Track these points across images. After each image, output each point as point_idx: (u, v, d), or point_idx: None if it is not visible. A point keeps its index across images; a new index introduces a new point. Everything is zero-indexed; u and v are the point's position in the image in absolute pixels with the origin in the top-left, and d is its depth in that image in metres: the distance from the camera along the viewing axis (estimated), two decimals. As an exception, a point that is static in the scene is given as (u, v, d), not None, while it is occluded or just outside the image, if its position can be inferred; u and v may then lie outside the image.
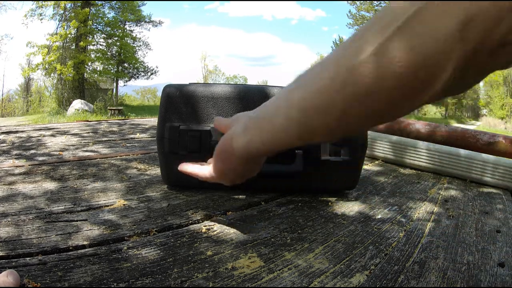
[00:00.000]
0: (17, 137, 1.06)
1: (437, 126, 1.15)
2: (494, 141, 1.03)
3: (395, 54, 0.21)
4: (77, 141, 1.05)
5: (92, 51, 13.81)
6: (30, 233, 0.42)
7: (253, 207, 0.58)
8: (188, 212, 0.53)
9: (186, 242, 0.43)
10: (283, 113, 0.29)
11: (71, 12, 12.41)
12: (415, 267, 0.41)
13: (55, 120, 8.90)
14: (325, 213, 0.57)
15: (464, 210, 0.66)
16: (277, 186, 0.66)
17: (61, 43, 12.61)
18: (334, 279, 0.37)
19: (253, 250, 0.43)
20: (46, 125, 1.39)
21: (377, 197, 0.68)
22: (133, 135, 1.22)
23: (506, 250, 0.49)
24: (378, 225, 0.54)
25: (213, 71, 28.25)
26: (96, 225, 0.46)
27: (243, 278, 0.36)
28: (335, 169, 0.63)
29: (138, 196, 0.58)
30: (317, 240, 0.47)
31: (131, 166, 0.78)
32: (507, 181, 0.85)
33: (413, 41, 0.20)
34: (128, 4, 13.96)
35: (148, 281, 0.34)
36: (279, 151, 0.32)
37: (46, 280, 0.33)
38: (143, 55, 15.76)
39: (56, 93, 13.18)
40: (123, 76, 14.93)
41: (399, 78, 0.21)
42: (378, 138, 1.06)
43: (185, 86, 0.60)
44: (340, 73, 0.24)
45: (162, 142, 0.59)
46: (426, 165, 0.96)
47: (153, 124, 1.59)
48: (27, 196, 0.55)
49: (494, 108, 20.76)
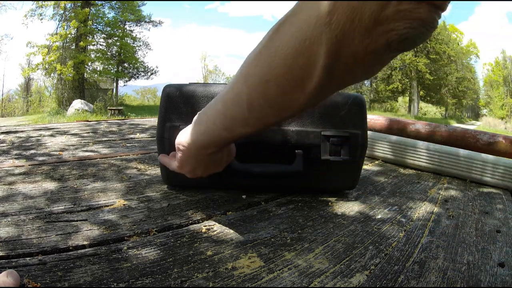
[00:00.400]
0: (17, 137, 1.06)
1: (437, 126, 1.15)
2: (494, 141, 1.03)
3: (279, 44, 0.23)
4: (77, 141, 1.05)
5: (92, 51, 13.81)
6: (30, 233, 0.42)
7: (253, 207, 0.58)
8: (188, 212, 0.53)
9: (186, 242, 0.43)
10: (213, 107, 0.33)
11: (71, 12, 12.41)
12: (415, 267, 0.41)
13: (55, 120, 8.90)
14: (325, 213, 0.57)
15: (464, 210, 0.66)
16: (277, 186, 0.66)
17: (61, 43, 12.61)
18: (334, 279, 0.37)
19: (253, 250, 0.43)
20: (46, 125, 1.39)
21: (377, 197, 0.68)
22: (133, 135, 1.22)
23: (506, 250, 0.49)
24: (378, 225, 0.54)
25: (213, 71, 28.24)
26: (96, 225, 0.46)
27: (243, 278, 0.36)
28: (335, 169, 0.63)
29: (138, 196, 0.58)
30: (317, 240, 0.47)
31: (131, 166, 0.78)
32: (507, 181, 0.85)
33: (291, 29, 0.22)
34: (128, 4, 13.96)
35: (148, 281, 0.34)
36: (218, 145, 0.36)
37: (46, 280, 0.33)
38: (143, 55, 15.79)
39: (56, 93, 13.18)
40: (123, 76, 14.93)
41: (283, 65, 0.23)
42: (378, 138, 1.06)
43: (185, 86, 0.60)
44: (245, 67, 0.27)
45: (162, 142, 0.59)
46: (426, 165, 0.96)
47: (153, 124, 1.59)
48: (27, 196, 0.55)
49: (494, 108, 20.77)
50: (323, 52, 0.20)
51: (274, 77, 0.24)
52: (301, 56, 0.21)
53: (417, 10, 0.18)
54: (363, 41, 0.19)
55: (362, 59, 0.20)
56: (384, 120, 1.28)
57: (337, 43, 0.20)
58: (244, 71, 0.27)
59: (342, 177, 0.64)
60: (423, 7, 0.18)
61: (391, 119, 1.28)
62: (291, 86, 0.24)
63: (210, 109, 0.34)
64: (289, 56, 0.22)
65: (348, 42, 0.19)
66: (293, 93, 0.24)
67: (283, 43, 0.22)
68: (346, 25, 0.19)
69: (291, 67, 0.23)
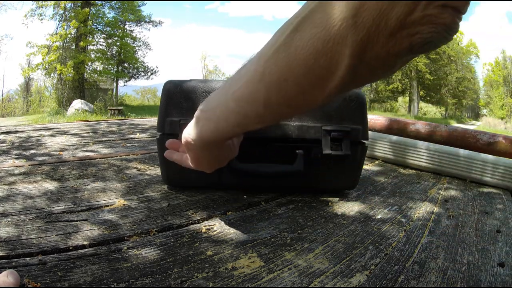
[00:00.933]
0: (17, 137, 1.06)
1: (437, 126, 1.15)
2: (494, 141, 1.03)
3: (299, 44, 0.22)
4: (77, 141, 1.05)
5: (92, 51, 13.80)
6: (30, 233, 0.42)
7: (253, 207, 0.58)
8: (188, 212, 0.53)
9: (186, 242, 0.43)
10: (223, 104, 0.32)
11: (71, 12, 12.41)
12: (415, 267, 0.41)
13: (55, 120, 8.90)
14: (325, 213, 0.57)
15: (464, 210, 0.66)
16: (277, 186, 0.66)
17: (61, 43, 12.60)
18: (334, 279, 0.37)
19: (253, 250, 0.43)
20: (46, 125, 1.39)
21: (377, 197, 0.68)
22: (133, 135, 1.22)
23: (506, 250, 0.49)
24: (378, 225, 0.54)
25: (213, 71, 28.26)
26: (96, 225, 0.46)
27: (243, 278, 0.36)
28: (336, 169, 0.63)
29: (138, 196, 0.58)
30: (317, 240, 0.47)
31: (131, 166, 0.78)
32: (507, 181, 0.85)
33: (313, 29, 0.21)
34: (128, 4, 13.96)
35: (148, 281, 0.34)
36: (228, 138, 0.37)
37: (46, 280, 0.33)
38: (143, 55, 15.79)
39: (56, 93, 13.18)
40: (123, 76, 14.93)
41: (304, 66, 0.23)
42: (378, 138, 1.06)
43: (186, 82, 0.60)
44: (261, 65, 0.26)
45: (162, 138, 0.59)
46: (426, 165, 0.96)
47: (153, 124, 1.59)
48: (27, 196, 0.55)
49: (494, 108, 20.77)
50: (348, 54, 0.20)
51: (294, 77, 0.24)
52: (324, 57, 0.21)
53: (442, 16, 0.19)
54: (387, 43, 0.20)
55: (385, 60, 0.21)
56: (384, 120, 1.28)
57: (362, 45, 0.20)
58: (259, 69, 0.26)
59: (342, 177, 0.64)
60: (448, 12, 0.19)
61: (391, 119, 1.28)
62: (311, 86, 0.24)
63: (219, 106, 0.33)
64: (311, 56, 0.22)
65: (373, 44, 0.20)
66: (313, 92, 0.25)
67: (303, 43, 0.22)
68: (372, 28, 0.19)
69: (312, 67, 0.22)
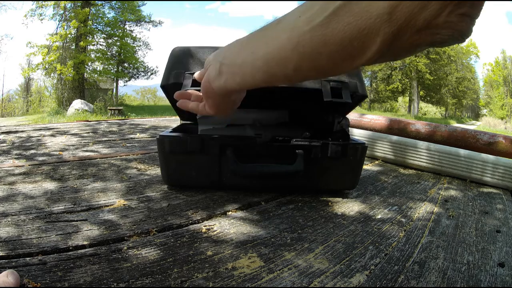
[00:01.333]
0: (17, 137, 1.06)
1: (437, 126, 1.15)
2: (494, 141, 1.03)
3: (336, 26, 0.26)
4: (77, 141, 1.05)
5: (92, 51, 13.79)
6: (30, 233, 0.42)
7: (253, 207, 0.58)
8: (188, 212, 0.53)
9: (186, 242, 0.43)
10: (250, 63, 0.35)
11: (71, 12, 12.41)
12: (415, 267, 0.41)
13: (55, 120, 8.89)
14: (325, 213, 0.57)
15: (464, 210, 0.66)
16: (277, 186, 0.66)
17: (61, 43, 12.60)
18: (334, 279, 0.37)
19: (253, 250, 0.43)
20: (46, 125, 1.39)
21: (377, 197, 0.68)
22: (133, 135, 1.21)
23: (506, 250, 0.49)
24: (378, 225, 0.54)
25: (213, 71, 28.13)
26: (96, 225, 0.46)
27: (243, 278, 0.36)
28: (335, 169, 0.63)
29: (138, 196, 0.58)
30: (317, 240, 0.47)
31: (131, 166, 0.78)
32: (507, 181, 0.85)
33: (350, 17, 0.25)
34: (128, 4, 13.95)
35: (148, 281, 0.34)
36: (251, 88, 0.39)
37: (46, 280, 0.33)
38: (143, 55, 15.81)
39: (56, 93, 13.17)
40: (123, 76, 14.92)
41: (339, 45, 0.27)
42: (378, 138, 1.06)
43: (193, 46, 0.64)
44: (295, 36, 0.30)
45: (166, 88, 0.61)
46: (426, 165, 0.96)
47: (153, 124, 1.59)
48: (27, 196, 0.55)
49: (494, 108, 20.77)
50: (379, 41, 0.25)
51: (328, 52, 0.28)
52: (357, 40, 0.26)
53: (460, 23, 0.23)
54: (412, 37, 0.24)
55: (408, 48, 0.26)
56: (384, 120, 1.28)
57: (391, 37, 0.24)
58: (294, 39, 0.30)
59: (342, 177, 0.64)
60: (465, 20, 0.23)
61: (391, 119, 1.28)
62: (342, 59, 0.28)
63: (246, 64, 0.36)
64: (346, 38, 0.26)
65: (401, 37, 0.24)
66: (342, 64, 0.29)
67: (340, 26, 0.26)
68: (403, 24, 0.23)
69: (346, 46, 0.27)
